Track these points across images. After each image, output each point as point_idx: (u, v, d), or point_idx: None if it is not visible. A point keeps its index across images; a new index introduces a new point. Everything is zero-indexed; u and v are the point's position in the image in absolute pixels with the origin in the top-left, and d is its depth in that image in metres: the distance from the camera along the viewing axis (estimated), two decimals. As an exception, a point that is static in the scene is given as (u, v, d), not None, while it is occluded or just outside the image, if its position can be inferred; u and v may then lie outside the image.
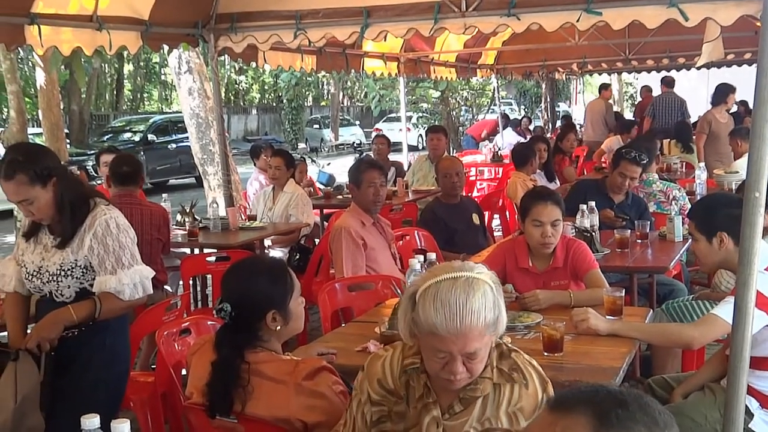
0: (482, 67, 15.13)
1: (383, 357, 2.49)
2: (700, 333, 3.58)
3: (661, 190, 6.80)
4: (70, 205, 3.45)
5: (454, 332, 2.21)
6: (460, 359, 2.25)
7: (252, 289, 2.78)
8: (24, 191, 3.35)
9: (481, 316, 2.23)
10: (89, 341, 3.53)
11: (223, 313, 2.74)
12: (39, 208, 3.41)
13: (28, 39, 6.10)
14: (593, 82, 37.26)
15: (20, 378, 3.31)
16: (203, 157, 12.04)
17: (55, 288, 3.49)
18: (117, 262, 3.49)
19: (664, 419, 1.39)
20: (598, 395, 1.41)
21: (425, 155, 10.22)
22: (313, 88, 41.77)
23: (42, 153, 3.53)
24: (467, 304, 2.22)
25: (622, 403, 1.38)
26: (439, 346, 2.24)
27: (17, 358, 3.32)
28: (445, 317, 2.21)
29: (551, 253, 4.35)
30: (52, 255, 3.49)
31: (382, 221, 5.53)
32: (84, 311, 3.45)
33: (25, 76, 23.50)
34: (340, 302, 4.72)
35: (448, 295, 2.23)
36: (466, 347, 2.23)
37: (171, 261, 6.51)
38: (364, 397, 2.46)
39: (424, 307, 2.25)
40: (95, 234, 3.46)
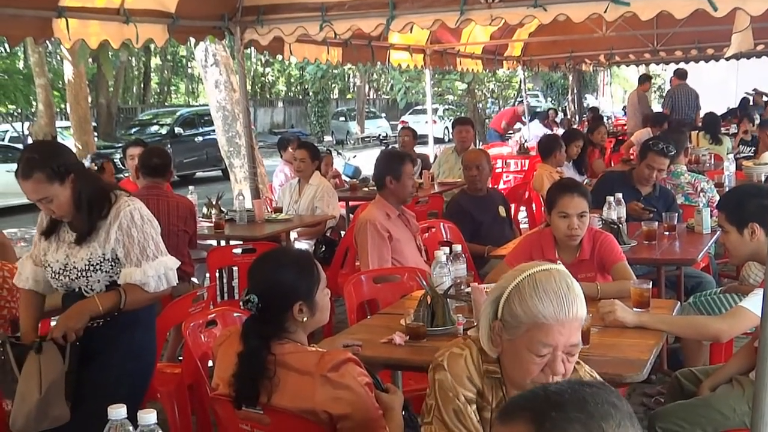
0: (508, 58, 15.08)
1: (463, 355, 2.37)
2: (728, 325, 3.55)
3: (689, 182, 6.74)
4: (89, 201, 3.45)
5: (563, 320, 2.16)
6: (561, 356, 2.18)
7: (279, 280, 2.78)
8: (43, 189, 3.35)
9: (583, 303, 2.21)
10: (119, 334, 3.54)
11: (249, 305, 2.74)
12: (59, 205, 3.40)
13: (55, 32, 6.16)
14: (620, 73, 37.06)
15: (44, 369, 3.32)
16: (229, 150, 12.09)
17: (84, 284, 3.49)
18: (142, 253, 3.49)
19: (602, 411, 1.35)
20: (535, 399, 1.39)
21: (452, 147, 10.20)
22: (339, 80, 41.84)
23: (58, 150, 3.53)
24: (571, 291, 2.19)
25: (557, 405, 1.35)
26: (545, 340, 2.17)
27: (41, 350, 3.33)
28: (553, 304, 2.16)
29: (578, 245, 4.32)
30: (77, 251, 3.49)
31: (407, 213, 5.53)
32: (109, 302, 3.45)
33: (54, 70, 23.71)
34: (366, 294, 4.72)
35: (551, 284, 2.20)
36: (571, 337, 2.18)
37: (197, 253, 6.54)
38: (462, 397, 2.34)
39: (523, 301, 2.19)
40: (120, 226, 3.46)
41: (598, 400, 1.37)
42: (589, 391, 1.39)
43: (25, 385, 3.31)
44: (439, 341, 3.50)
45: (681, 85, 14.77)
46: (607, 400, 1.38)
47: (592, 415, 1.34)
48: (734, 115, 16.55)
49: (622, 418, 1.36)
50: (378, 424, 2.68)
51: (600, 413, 1.35)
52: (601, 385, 1.45)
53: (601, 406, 1.36)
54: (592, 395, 1.38)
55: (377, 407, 2.72)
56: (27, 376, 3.32)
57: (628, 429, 1.35)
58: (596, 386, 1.42)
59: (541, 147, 8.70)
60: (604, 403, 1.37)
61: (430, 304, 3.62)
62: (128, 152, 7.86)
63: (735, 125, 14.22)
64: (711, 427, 3.48)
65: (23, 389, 3.31)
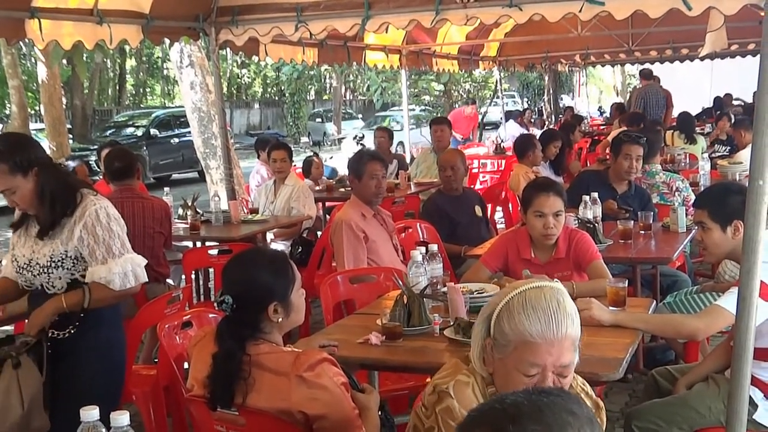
0: (485, 59, 15.11)
1: (469, 383, 2.27)
2: (704, 324, 3.57)
3: (664, 181, 6.77)
4: (51, 195, 3.45)
5: (551, 339, 2.09)
6: (550, 378, 2.12)
7: (253, 281, 2.77)
8: (5, 181, 3.39)
9: (575, 322, 2.14)
10: (84, 334, 3.53)
11: (224, 306, 2.72)
12: (21, 197, 3.43)
13: (28, 33, 6.09)
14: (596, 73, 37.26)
15: (23, 383, 3.30)
16: (205, 151, 12.03)
17: (46, 280, 3.48)
18: (107, 251, 3.47)
19: (561, 420, 1.33)
20: (492, 414, 1.37)
21: (429, 147, 10.20)
22: (315, 81, 41.76)
23: (24, 143, 3.55)
24: (561, 309, 2.13)
25: (513, 418, 1.33)
26: (532, 359, 2.11)
27: (19, 364, 3.30)
28: (540, 322, 2.10)
29: (554, 245, 4.33)
30: (41, 247, 3.49)
31: (382, 213, 5.51)
32: (73, 299, 3.46)
33: (28, 72, 23.53)
34: (342, 294, 4.71)
35: (540, 302, 2.13)
36: (561, 358, 2.11)
37: (173, 255, 6.50)
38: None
39: (511, 318, 2.14)
40: (85, 225, 3.45)
41: (556, 410, 1.35)
42: (546, 401, 1.37)
43: (5, 400, 3.26)
44: (415, 341, 3.51)
45: (649, 85, 14.89)
46: (564, 408, 1.36)
47: (550, 426, 1.32)
48: (709, 114, 16.70)
49: (581, 426, 1.34)
50: (354, 424, 2.67)
51: (558, 423, 1.33)
52: (560, 392, 1.42)
53: (559, 416, 1.34)
54: (549, 405, 1.36)
55: (353, 407, 2.70)
56: (5, 391, 3.27)
57: None
58: (554, 394, 1.40)
59: (517, 147, 8.72)
60: (561, 412, 1.35)
61: (407, 304, 3.61)
62: (103, 154, 7.79)
63: (710, 125, 14.34)
64: (687, 425, 3.49)
65: (3, 405, 3.27)
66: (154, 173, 21.19)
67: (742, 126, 9.59)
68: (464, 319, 3.48)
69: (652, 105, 14.14)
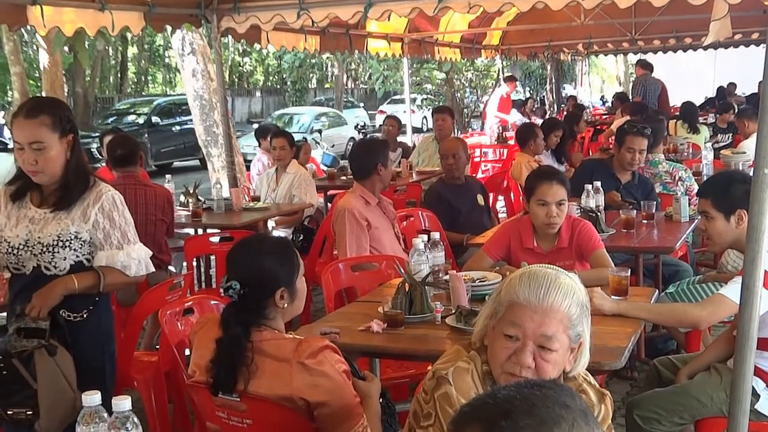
0: (487, 47, 15.05)
1: (469, 370, 2.27)
2: (707, 313, 3.56)
3: (667, 170, 6.76)
4: (77, 168, 3.39)
5: (535, 304, 2.14)
6: (531, 347, 2.14)
7: (262, 267, 2.77)
8: (42, 133, 3.26)
9: (566, 300, 2.16)
10: (94, 319, 3.50)
11: (231, 292, 2.71)
12: (47, 158, 3.30)
13: (30, 19, 6.07)
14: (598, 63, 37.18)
15: (63, 367, 3.26)
16: (207, 139, 12.01)
17: (48, 259, 3.39)
18: (123, 237, 3.46)
19: (554, 414, 1.32)
20: (484, 408, 1.36)
21: (431, 136, 10.18)
22: (317, 70, 41.71)
23: (67, 106, 3.50)
24: (556, 281, 2.18)
25: (506, 413, 1.32)
26: (515, 319, 2.16)
27: (55, 351, 3.25)
28: (530, 286, 2.16)
29: (556, 233, 4.33)
30: (42, 226, 3.38)
31: (384, 201, 5.51)
32: (86, 281, 3.40)
33: (29, 59, 23.48)
34: (344, 282, 4.70)
35: (538, 272, 2.21)
36: (542, 326, 2.14)
37: (174, 242, 6.50)
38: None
39: (509, 285, 2.22)
40: (102, 208, 3.41)
41: (549, 403, 1.34)
42: (539, 394, 1.36)
43: (53, 389, 3.22)
44: (416, 329, 3.50)
45: (646, 74, 14.86)
46: (557, 401, 1.35)
47: (543, 421, 1.31)
48: (712, 104, 16.65)
49: (575, 419, 1.33)
50: (355, 411, 2.67)
51: (552, 417, 1.32)
52: (553, 384, 1.41)
53: (552, 409, 1.33)
54: (542, 398, 1.35)
55: (355, 395, 2.70)
56: (51, 381, 3.23)
57: (582, 429, 1.32)
58: (547, 387, 1.39)
59: (518, 136, 8.72)
60: (555, 406, 1.34)
61: (408, 292, 3.61)
62: (105, 141, 7.78)
63: (713, 115, 14.30)
64: (688, 414, 3.49)
65: (52, 395, 3.22)
66: (155, 161, 21.15)
67: (745, 115, 9.56)
68: (466, 308, 3.48)
69: (651, 94, 14.12)
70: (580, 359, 2.27)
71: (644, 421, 3.50)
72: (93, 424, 2.16)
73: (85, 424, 2.16)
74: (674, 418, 3.48)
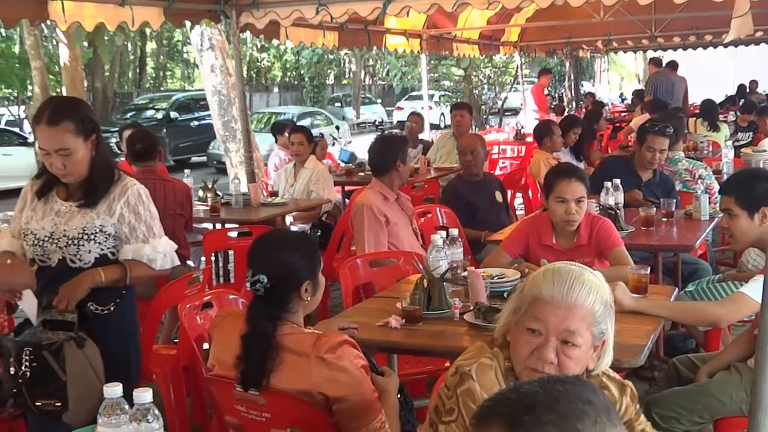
0: (505, 44, 15.02)
1: (492, 367, 2.27)
2: (727, 311, 3.54)
3: (687, 168, 6.72)
4: (104, 165, 3.40)
5: (559, 299, 2.14)
6: (554, 343, 2.14)
7: (289, 260, 2.77)
8: (67, 140, 3.25)
9: (590, 296, 2.16)
10: (119, 312, 3.52)
11: (258, 286, 2.71)
12: (74, 161, 3.30)
13: (51, 14, 6.11)
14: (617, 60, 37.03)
15: (92, 360, 3.28)
16: (225, 134, 12.03)
17: (74, 252, 3.40)
18: (149, 231, 3.47)
19: (577, 410, 1.31)
20: (507, 404, 1.35)
21: (449, 132, 10.17)
22: (334, 66, 41.74)
23: (87, 105, 3.48)
24: (580, 278, 2.18)
25: (529, 408, 1.32)
26: (538, 314, 2.16)
27: (83, 344, 3.27)
28: (554, 282, 2.17)
29: (575, 231, 4.31)
30: (68, 219, 3.39)
31: (402, 197, 5.50)
32: (113, 274, 3.41)
33: (49, 54, 23.59)
34: (362, 278, 4.70)
35: (562, 269, 2.22)
36: (566, 321, 2.14)
37: (193, 236, 6.52)
38: None
39: (533, 281, 2.22)
40: (127, 202, 3.42)
41: (572, 399, 1.33)
42: (561, 390, 1.35)
43: (81, 381, 3.23)
44: (435, 325, 3.50)
45: (659, 72, 14.77)
46: (580, 397, 1.34)
47: (566, 416, 1.30)
48: (732, 102, 16.55)
49: (598, 415, 1.32)
50: (373, 406, 2.67)
51: (574, 412, 1.31)
52: (576, 380, 1.40)
53: (575, 405, 1.32)
54: (565, 394, 1.34)
55: (373, 390, 2.71)
56: (80, 373, 3.24)
57: (605, 425, 1.31)
58: (570, 383, 1.38)
59: (535, 133, 8.69)
60: (578, 401, 1.33)
61: (427, 288, 3.60)
62: (124, 135, 7.81)
63: (733, 113, 14.21)
64: (708, 413, 3.47)
65: (80, 387, 3.23)
66: (173, 156, 21.25)
67: (766, 113, 9.50)
68: (484, 304, 3.47)
69: (662, 92, 14.04)
70: (604, 357, 2.26)
71: (663, 420, 3.48)
72: (114, 416, 2.17)
73: (107, 415, 2.18)
74: (693, 417, 3.46)
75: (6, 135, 18.05)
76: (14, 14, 6.12)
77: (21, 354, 3.25)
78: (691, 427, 3.48)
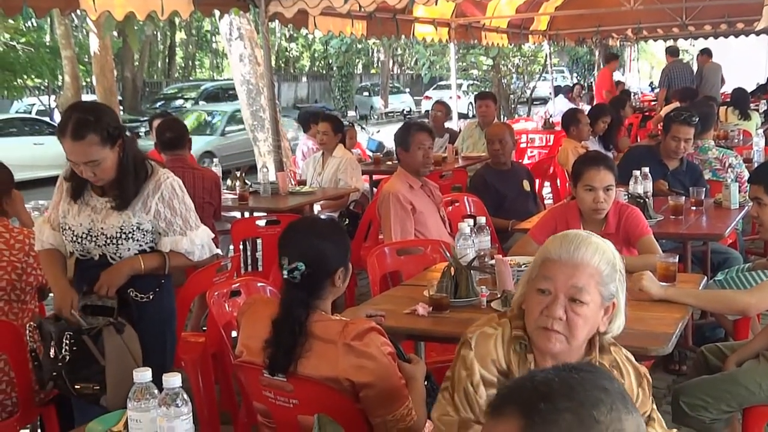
0: (534, 33, 14.96)
1: (494, 335, 2.36)
2: (756, 299, 3.52)
3: (717, 157, 6.65)
4: (134, 166, 3.39)
5: (567, 258, 2.23)
6: (563, 300, 2.22)
7: (325, 247, 2.79)
8: (95, 152, 3.24)
9: (596, 255, 2.24)
10: (159, 300, 3.56)
11: (296, 273, 2.72)
12: (104, 169, 3.30)
13: (81, 4, 6.16)
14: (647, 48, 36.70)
15: (130, 345, 3.31)
16: (254, 124, 12.10)
17: (113, 251, 3.43)
18: (185, 223, 3.49)
19: (593, 397, 1.31)
20: (523, 392, 1.35)
21: (475, 122, 10.14)
22: (363, 55, 41.74)
23: (109, 112, 3.44)
24: (587, 239, 2.27)
25: (545, 396, 1.32)
26: (547, 273, 2.25)
27: (122, 329, 3.31)
28: (561, 242, 2.27)
29: (603, 219, 4.29)
30: (104, 217, 3.41)
31: (430, 184, 5.50)
32: (152, 263, 3.45)
33: (80, 43, 23.77)
34: (389, 266, 4.71)
35: (570, 233, 2.33)
36: (573, 278, 2.22)
37: (221, 225, 6.56)
38: (476, 378, 2.33)
39: (543, 247, 2.33)
40: (162, 197, 3.42)
41: (587, 386, 1.34)
42: (577, 378, 1.35)
43: (120, 366, 3.25)
44: (462, 313, 3.50)
45: (675, 62, 14.63)
46: (596, 384, 1.35)
47: (582, 403, 1.31)
48: (764, 91, 16.37)
49: (613, 402, 1.33)
50: (400, 393, 2.68)
51: (590, 400, 1.31)
52: (591, 368, 1.41)
53: (591, 392, 1.33)
54: (581, 381, 1.34)
55: (400, 377, 2.72)
56: (118, 357, 3.28)
57: (620, 412, 1.32)
58: (585, 370, 1.38)
59: (563, 121, 8.66)
60: (593, 389, 1.33)
61: (454, 276, 3.61)
62: (154, 124, 7.87)
63: (764, 101, 14.06)
64: (736, 402, 3.46)
65: (119, 372, 3.24)
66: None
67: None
68: (511, 292, 3.46)
69: (677, 82, 13.90)
70: (615, 321, 2.31)
71: (691, 408, 3.47)
72: (144, 401, 2.20)
73: (137, 400, 2.21)
74: (721, 406, 3.44)
75: (37, 124, 18.22)
76: (45, 4, 6.20)
77: (62, 338, 3.31)
78: (719, 416, 3.46)
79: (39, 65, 22.77)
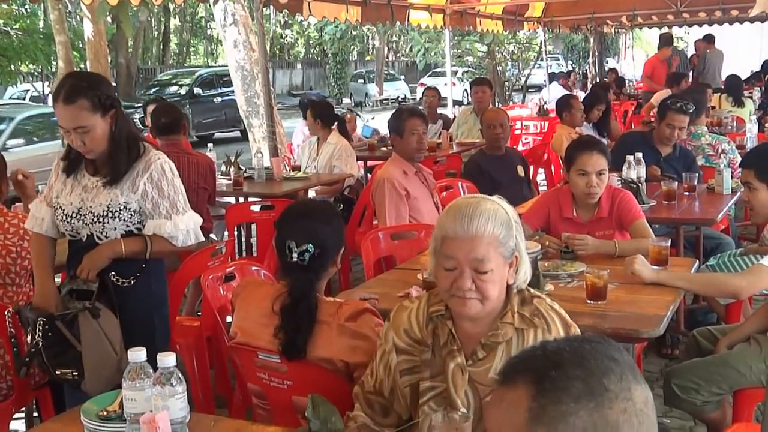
0: (529, 19, 14.93)
1: (409, 308, 2.50)
2: (748, 282, 3.54)
3: (710, 143, 6.67)
4: (126, 140, 3.38)
5: (462, 234, 2.28)
6: (468, 272, 2.28)
7: (330, 229, 2.84)
8: (84, 118, 3.24)
9: (490, 223, 2.29)
10: (143, 285, 3.51)
11: (305, 255, 2.74)
12: (93, 138, 3.29)
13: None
14: (642, 36, 36.69)
15: (107, 330, 3.29)
16: (248, 110, 12.08)
17: (99, 230, 3.41)
18: (172, 206, 3.43)
19: (603, 366, 1.33)
20: (534, 360, 1.37)
21: (470, 108, 10.15)
22: (358, 42, 41.65)
23: (104, 81, 3.44)
24: (477, 209, 2.31)
25: (556, 364, 1.33)
26: (447, 252, 2.31)
27: (98, 314, 3.29)
28: (455, 218, 2.31)
29: (596, 203, 4.31)
30: (94, 195, 3.39)
31: (424, 170, 5.51)
32: (133, 246, 3.40)
33: (73, 29, 23.66)
34: (383, 251, 4.73)
35: (461, 204, 2.38)
36: (472, 252, 2.27)
37: (216, 210, 6.56)
38: (389, 346, 2.46)
39: (439, 221, 2.38)
40: (151, 177, 3.39)
41: (598, 356, 1.35)
42: (588, 348, 1.37)
43: (96, 351, 3.25)
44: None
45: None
46: (606, 354, 1.36)
47: (592, 372, 1.32)
48: (757, 78, 16.38)
49: (623, 372, 1.35)
50: (394, 374, 2.70)
51: (601, 369, 1.33)
52: (601, 339, 1.42)
53: (602, 362, 1.34)
54: (592, 351, 1.36)
55: (393, 358, 2.73)
56: (94, 342, 3.26)
57: (630, 382, 1.34)
58: (595, 341, 1.40)
59: (557, 107, 8.69)
60: (604, 358, 1.35)
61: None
62: (148, 110, 7.87)
63: (758, 89, 14.08)
64: (727, 384, 3.48)
65: (95, 356, 3.25)
66: (197, 132, 21.28)
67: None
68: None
69: None
70: (520, 270, 2.39)
71: (682, 391, 3.50)
72: (138, 380, 2.22)
73: (131, 379, 2.23)
74: (712, 388, 3.47)
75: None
76: (39, -11, 6.19)
77: (36, 324, 3.31)
78: (710, 398, 3.49)
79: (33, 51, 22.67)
